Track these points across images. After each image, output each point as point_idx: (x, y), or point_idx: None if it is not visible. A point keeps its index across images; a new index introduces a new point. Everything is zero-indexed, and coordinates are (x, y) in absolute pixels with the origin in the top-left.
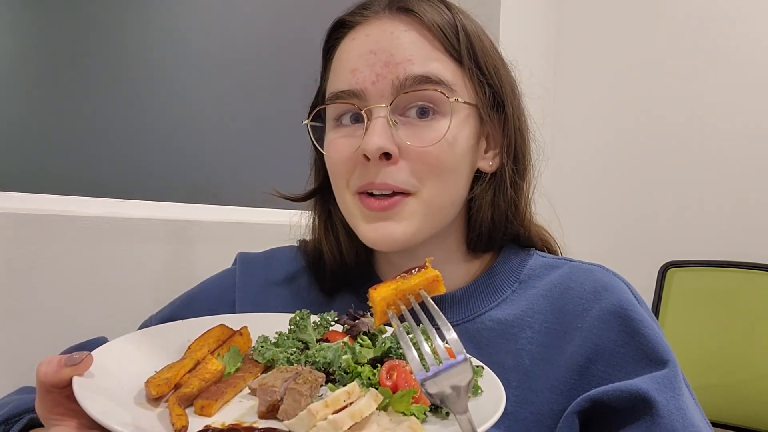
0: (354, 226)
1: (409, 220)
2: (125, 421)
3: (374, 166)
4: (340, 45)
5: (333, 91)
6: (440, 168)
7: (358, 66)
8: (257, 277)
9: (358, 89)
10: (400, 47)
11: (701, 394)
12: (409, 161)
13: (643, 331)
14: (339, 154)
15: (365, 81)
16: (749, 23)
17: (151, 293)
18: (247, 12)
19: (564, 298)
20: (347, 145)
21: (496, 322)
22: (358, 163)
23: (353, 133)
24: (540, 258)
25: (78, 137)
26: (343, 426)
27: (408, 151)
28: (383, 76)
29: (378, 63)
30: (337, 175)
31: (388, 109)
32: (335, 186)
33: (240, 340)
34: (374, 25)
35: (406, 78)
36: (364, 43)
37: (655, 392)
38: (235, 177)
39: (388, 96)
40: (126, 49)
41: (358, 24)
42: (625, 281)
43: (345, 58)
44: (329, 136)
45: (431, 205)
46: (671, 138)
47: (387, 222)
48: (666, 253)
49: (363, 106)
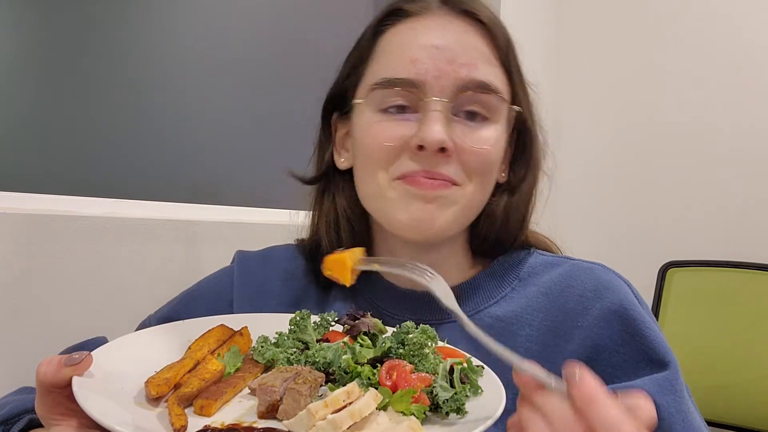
0: (386, 213)
1: (452, 211)
2: (125, 420)
3: (427, 158)
4: (391, 31)
5: (387, 77)
6: (486, 169)
7: (419, 57)
8: (255, 275)
9: (419, 80)
10: (465, 49)
11: (701, 394)
12: (461, 158)
13: (644, 332)
14: (383, 139)
15: (427, 73)
16: (749, 24)
17: (151, 293)
18: (247, 12)
19: (564, 296)
20: (396, 130)
21: (495, 319)
22: (405, 151)
23: (402, 121)
24: (540, 256)
25: (78, 137)
26: (343, 425)
27: (462, 148)
28: (446, 72)
29: (442, 59)
30: (375, 160)
31: (448, 104)
32: (366, 170)
33: (240, 340)
34: (436, 21)
35: (470, 81)
36: (427, 36)
37: (656, 394)
38: (235, 177)
39: (447, 93)
40: (126, 48)
41: (416, 14)
42: (626, 281)
43: (403, 46)
44: (371, 118)
45: (470, 201)
46: (671, 138)
47: (430, 205)
48: (666, 253)
49: (421, 97)
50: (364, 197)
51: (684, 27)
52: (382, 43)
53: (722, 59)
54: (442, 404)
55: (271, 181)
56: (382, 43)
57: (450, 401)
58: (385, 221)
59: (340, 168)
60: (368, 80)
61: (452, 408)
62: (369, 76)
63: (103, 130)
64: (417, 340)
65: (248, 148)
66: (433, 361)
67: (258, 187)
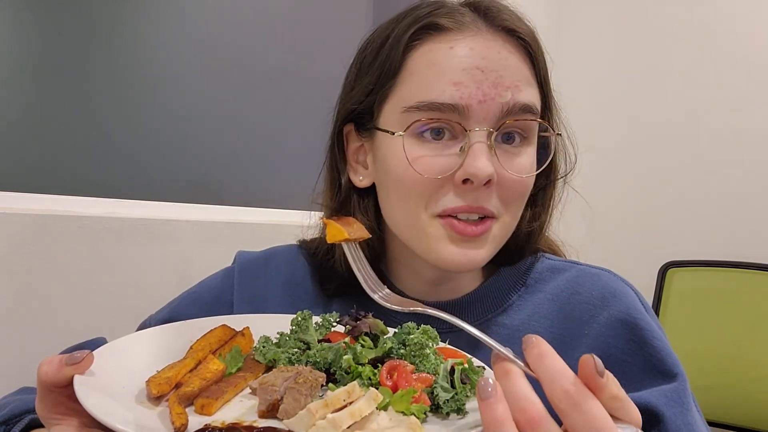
0: (427, 247)
1: (492, 245)
2: (126, 419)
3: (472, 192)
4: (426, 47)
5: (427, 100)
6: (523, 198)
7: (462, 80)
8: (256, 276)
9: (462, 105)
10: (508, 70)
11: (701, 394)
12: (500, 188)
13: (651, 342)
14: (425, 172)
15: (471, 98)
16: (749, 24)
17: (150, 293)
18: (248, 12)
19: (571, 303)
20: (438, 163)
21: (502, 328)
22: (448, 185)
23: (441, 151)
24: (547, 261)
25: (78, 137)
26: (343, 425)
27: (502, 178)
28: (491, 97)
29: (486, 82)
30: (415, 192)
31: (494, 133)
32: (402, 201)
33: (242, 340)
34: (478, 40)
35: (515, 105)
36: (470, 58)
37: (663, 406)
38: (235, 177)
39: (491, 119)
40: (126, 48)
41: (454, 30)
42: (633, 287)
43: (443, 67)
44: (408, 146)
45: (508, 230)
46: (671, 138)
47: (475, 247)
48: (666, 253)
49: (465, 125)
50: (396, 225)
51: (682, 27)
52: (414, 60)
53: (722, 59)
54: (442, 404)
55: (271, 181)
56: (415, 60)
57: (450, 401)
58: (423, 253)
59: (359, 186)
60: (399, 101)
61: (453, 408)
62: (399, 95)
63: (103, 130)
64: (418, 341)
65: (248, 148)
66: (433, 362)
67: (258, 187)
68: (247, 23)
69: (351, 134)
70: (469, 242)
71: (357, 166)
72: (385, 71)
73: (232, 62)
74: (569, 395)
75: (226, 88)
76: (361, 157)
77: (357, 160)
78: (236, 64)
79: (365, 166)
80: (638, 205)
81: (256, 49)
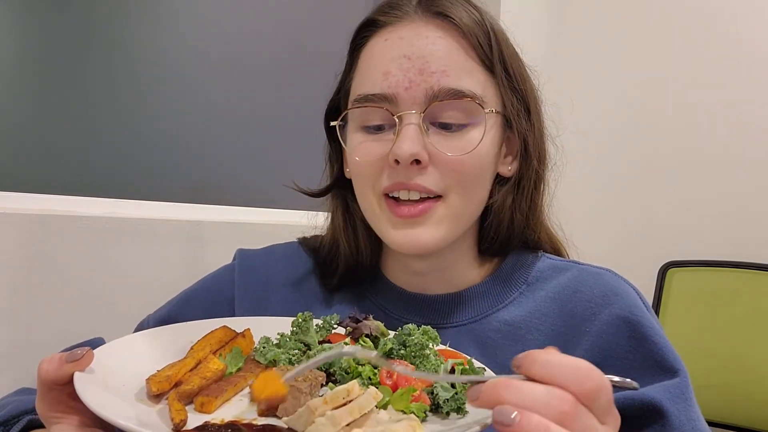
0: (379, 230)
1: (438, 226)
2: (125, 414)
3: (404, 171)
4: (369, 44)
5: (362, 93)
6: (469, 176)
7: (390, 69)
8: (257, 274)
9: (390, 93)
10: (435, 56)
11: (701, 394)
12: (439, 168)
13: (653, 338)
14: (367, 158)
15: (398, 86)
16: (751, 24)
17: (150, 293)
18: (249, 12)
19: (572, 301)
20: (376, 148)
21: (503, 324)
22: (385, 167)
23: (381, 137)
24: (548, 260)
25: (78, 137)
26: (342, 422)
27: (439, 158)
28: (416, 83)
29: (412, 69)
30: (363, 177)
31: (420, 115)
32: (359, 188)
33: (242, 341)
34: (408, 28)
35: (440, 90)
36: (398, 46)
37: (667, 402)
38: (237, 177)
39: (420, 103)
40: (127, 48)
41: (390, 24)
42: (634, 287)
43: (376, 60)
44: (355, 138)
45: (458, 211)
46: (671, 138)
47: (416, 228)
48: (666, 253)
49: (394, 111)
50: (364, 213)
51: (685, 28)
52: (361, 57)
53: (722, 60)
54: (442, 404)
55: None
56: (362, 56)
57: (450, 401)
58: (384, 239)
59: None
60: (351, 96)
61: (452, 408)
62: (351, 92)
63: (103, 131)
64: (418, 341)
65: (249, 149)
66: (434, 362)
67: (259, 187)
68: (247, 23)
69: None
70: (410, 224)
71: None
72: (345, 71)
73: (232, 62)
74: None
75: (226, 88)
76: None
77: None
78: (236, 64)
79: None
80: (638, 205)
81: (256, 49)
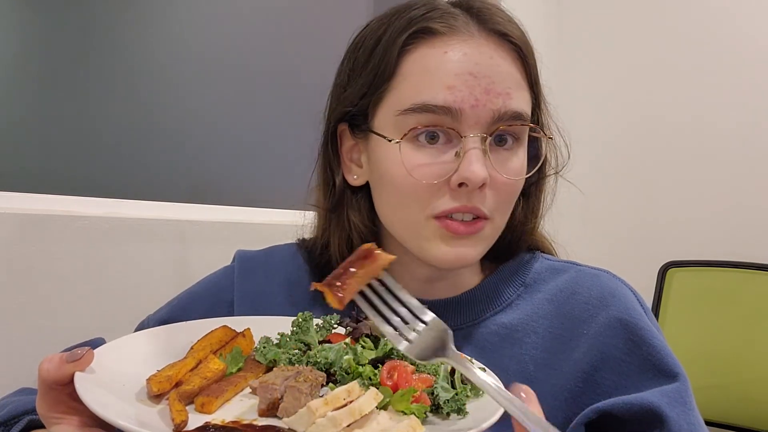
0: (419, 245)
1: (483, 244)
2: (125, 414)
3: (467, 194)
4: (421, 51)
5: (420, 102)
6: (514, 197)
7: (455, 84)
8: (256, 275)
9: (456, 108)
10: (500, 76)
11: (701, 394)
12: (494, 189)
13: (651, 341)
14: (421, 177)
15: (464, 102)
16: (750, 23)
17: (150, 293)
18: (247, 13)
19: (570, 303)
20: (434, 168)
21: (500, 327)
22: (444, 188)
23: (437, 156)
24: (545, 261)
25: (78, 137)
26: (342, 423)
27: (495, 179)
28: (483, 102)
29: (478, 88)
30: (411, 195)
31: (487, 138)
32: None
33: (243, 341)
34: (469, 44)
35: (506, 112)
36: (463, 63)
37: (666, 407)
38: (235, 177)
39: (483, 123)
40: (126, 49)
41: (445, 35)
42: (632, 289)
43: (436, 71)
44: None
45: (498, 230)
46: (671, 138)
47: (467, 245)
48: (666, 253)
49: (456, 127)
50: (391, 225)
51: (683, 26)
52: (408, 64)
53: (723, 58)
54: (443, 404)
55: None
56: (409, 64)
57: (451, 401)
58: (417, 251)
59: (353, 185)
60: (393, 104)
61: (453, 408)
62: (394, 99)
63: (103, 130)
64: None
65: (248, 148)
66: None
67: (258, 187)
68: (246, 24)
69: (345, 133)
70: (462, 241)
71: (351, 165)
72: (379, 74)
73: (232, 63)
74: None
75: (226, 89)
76: (355, 156)
77: (351, 158)
78: (236, 64)
79: (359, 165)
80: (638, 205)
81: (256, 50)
